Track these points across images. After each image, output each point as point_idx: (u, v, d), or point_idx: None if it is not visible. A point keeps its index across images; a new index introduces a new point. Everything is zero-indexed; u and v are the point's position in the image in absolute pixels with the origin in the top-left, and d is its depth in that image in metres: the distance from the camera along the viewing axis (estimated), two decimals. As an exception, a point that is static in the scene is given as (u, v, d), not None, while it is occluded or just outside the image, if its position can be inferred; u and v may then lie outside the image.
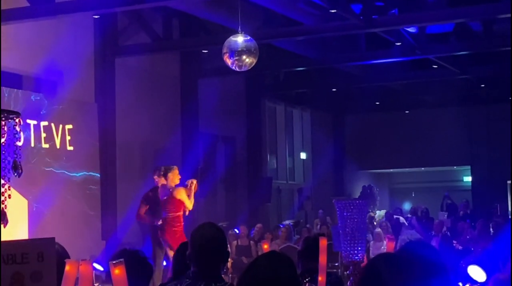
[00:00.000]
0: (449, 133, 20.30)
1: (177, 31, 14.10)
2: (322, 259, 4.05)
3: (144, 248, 11.14)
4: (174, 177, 9.38)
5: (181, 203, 9.29)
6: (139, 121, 13.24)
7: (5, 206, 2.09)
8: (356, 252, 4.35)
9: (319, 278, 4.02)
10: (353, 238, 4.36)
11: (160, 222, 9.37)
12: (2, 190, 2.08)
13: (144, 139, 13.43)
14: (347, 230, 4.35)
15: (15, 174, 2.14)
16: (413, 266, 2.14)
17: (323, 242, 4.12)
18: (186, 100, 14.54)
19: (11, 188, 2.34)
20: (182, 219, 9.35)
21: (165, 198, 9.36)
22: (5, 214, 2.08)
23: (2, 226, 2.12)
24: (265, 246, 4.39)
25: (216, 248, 3.52)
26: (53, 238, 2.40)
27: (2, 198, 2.07)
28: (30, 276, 2.20)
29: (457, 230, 14.59)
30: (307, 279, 4.77)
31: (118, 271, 2.24)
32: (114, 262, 2.28)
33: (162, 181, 9.47)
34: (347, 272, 4.55)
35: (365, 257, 4.53)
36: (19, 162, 2.12)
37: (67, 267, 2.33)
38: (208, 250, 3.48)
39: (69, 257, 3.08)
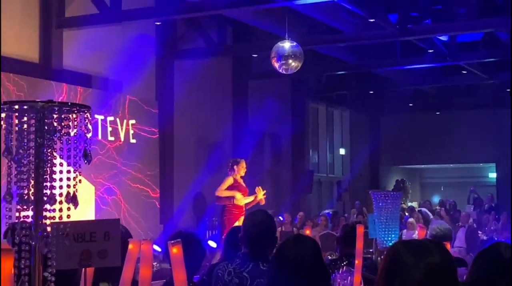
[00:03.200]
0: (476, 133, 19.97)
1: (230, 37, 14.12)
2: (359, 244, 4.01)
3: (198, 232, 11.19)
4: (240, 169, 9.35)
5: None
6: (195, 118, 13.30)
7: (76, 190, 2.09)
8: (390, 239, 4.30)
9: (356, 262, 3.98)
10: (387, 226, 4.30)
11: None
12: (74, 175, 2.08)
13: (198, 134, 13.49)
14: (382, 218, 4.29)
15: (85, 161, 2.15)
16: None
17: (360, 229, 4.08)
18: (237, 100, 14.57)
19: (82, 174, 2.36)
20: (240, 207, 9.22)
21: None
22: (75, 196, 2.09)
23: (73, 207, 2.13)
24: (307, 232, 4.35)
25: (265, 233, 3.52)
26: (118, 219, 2.42)
27: (74, 183, 2.08)
28: (97, 253, 2.21)
29: (482, 221, 14.36)
30: (344, 263, 4.73)
31: (176, 250, 2.24)
32: (172, 242, 2.28)
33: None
34: (381, 257, 4.49)
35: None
36: (89, 151, 2.12)
37: (130, 246, 2.34)
38: (258, 234, 3.48)
39: (131, 237, 3.10)
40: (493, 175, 21.83)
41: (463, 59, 14.33)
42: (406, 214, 15.76)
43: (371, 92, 18.25)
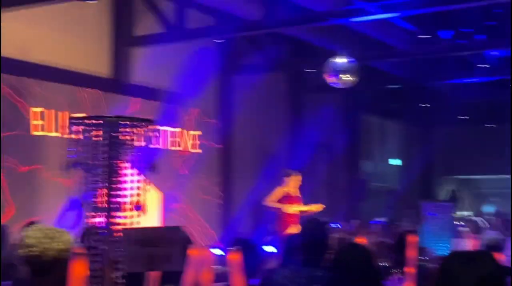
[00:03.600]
0: (529, 144, 19.45)
1: (287, 53, 14.17)
2: (410, 253, 3.98)
3: (255, 237, 11.21)
4: (289, 181, 9.36)
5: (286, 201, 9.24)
6: (253, 130, 13.38)
7: (144, 198, 2.16)
8: (440, 248, 4.24)
9: (407, 270, 3.95)
10: (438, 236, 4.24)
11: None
12: (142, 185, 2.15)
13: (257, 146, 13.56)
14: (433, 228, 4.24)
15: (152, 172, 2.22)
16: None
17: (411, 238, 4.04)
18: (293, 113, 14.59)
19: (150, 183, 2.42)
20: (293, 215, 9.22)
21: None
22: (144, 205, 2.16)
23: (141, 213, 2.20)
24: (362, 240, 4.34)
25: (320, 240, 3.54)
26: (180, 226, 2.47)
27: (141, 192, 2.14)
28: (161, 257, 2.27)
29: (534, 232, 13.93)
30: (397, 270, 4.69)
31: (234, 257, 2.27)
32: (231, 249, 2.32)
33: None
34: (433, 265, 4.44)
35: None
36: (155, 162, 2.19)
37: (190, 251, 2.39)
38: (313, 242, 3.51)
39: (192, 242, 3.15)
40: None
41: (514, 73, 14.02)
42: (459, 222, 15.46)
43: (424, 105, 17.99)
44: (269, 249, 9.99)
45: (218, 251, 9.23)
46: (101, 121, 2.16)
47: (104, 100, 9.81)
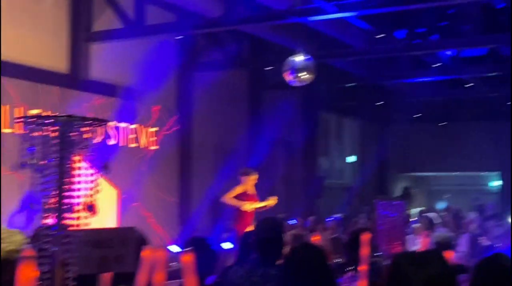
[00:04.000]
0: (480, 143, 19.88)
1: (247, 50, 14.15)
2: (364, 251, 4.00)
3: (214, 233, 11.18)
4: (247, 180, 9.35)
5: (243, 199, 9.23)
6: (212, 127, 13.33)
7: (95, 199, 2.11)
8: (392, 246, 4.27)
9: (361, 268, 3.97)
10: (391, 234, 4.28)
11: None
12: (93, 186, 2.10)
13: (216, 142, 13.52)
14: (386, 226, 4.27)
15: (104, 172, 2.17)
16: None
17: (365, 236, 4.07)
18: (252, 110, 14.58)
19: (104, 179, 2.38)
20: (251, 213, 9.21)
21: None
22: (94, 206, 2.11)
23: (92, 214, 2.15)
24: (316, 238, 4.35)
25: (274, 239, 3.53)
26: (134, 227, 2.43)
27: (92, 192, 2.09)
28: (114, 259, 2.22)
29: (485, 228, 14.21)
30: (351, 268, 4.72)
31: (187, 258, 2.24)
32: (183, 250, 2.29)
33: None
34: (386, 263, 4.48)
35: (402, 250, 4.44)
36: (107, 162, 2.14)
37: (144, 252, 2.35)
38: (268, 240, 3.49)
39: (147, 243, 3.10)
40: (496, 183, 21.69)
41: (468, 73, 14.27)
42: (412, 219, 15.67)
43: (380, 103, 18.18)
44: (227, 246, 9.98)
45: (176, 248, 9.17)
46: (53, 120, 2.10)
47: (62, 96, 9.64)
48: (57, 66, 10.19)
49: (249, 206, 9.13)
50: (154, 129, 11.26)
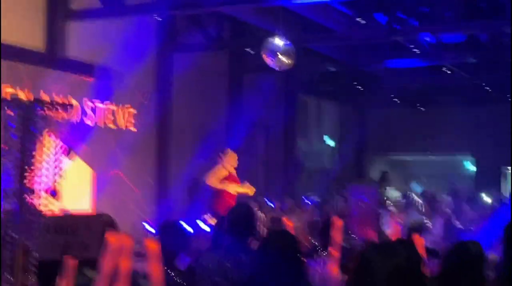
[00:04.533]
0: (458, 127, 20.02)
1: (227, 32, 14.04)
2: (336, 236, 3.99)
3: (191, 215, 11.12)
4: (228, 160, 9.30)
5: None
6: (192, 109, 13.24)
7: (58, 183, 2.05)
8: (366, 231, 4.27)
9: (333, 253, 3.97)
10: (365, 219, 4.27)
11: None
12: (56, 171, 2.04)
13: (195, 124, 13.43)
14: (359, 212, 4.27)
15: (67, 157, 2.11)
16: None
17: (338, 222, 4.06)
18: (232, 93, 14.50)
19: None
20: (233, 195, 9.12)
21: None
22: (58, 191, 2.05)
23: (56, 201, 2.09)
24: (289, 224, 4.33)
25: (247, 225, 3.50)
26: (100, 215, 2.39)
27: (56, 178, 2.03)
28: (78, 245, 2.17)
29: (459, 211, 14.34)
30: (325, 252, 4.72)
31: (152, 245, 2.19)
32: (148, 238, 2.24)
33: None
34: (359, 248, 4.47)
35: (375, 235, 4.44)
36: (71, 148, 2.08)
37: (109, 239, 2.30)
38: (239, 228, 3.46)
39: (117, 228, 3.05)
40: (472, 167, 21.90)
41: (447, 59, 14.31)
42: (389, 202, 15.75)
43: (359, 87, 18.18)
44: (203, 226, 9.94)
45: (150, 228, 9.12)
46: (15, 105, 2.04)
47: (38, 75, 9.48)
48: (34, 44, 10.02)
49: (233, 189, 9.09)
50: (132, 110, 11.15)
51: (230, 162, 9.15)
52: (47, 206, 2.11)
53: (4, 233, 2.03)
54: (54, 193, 2.04)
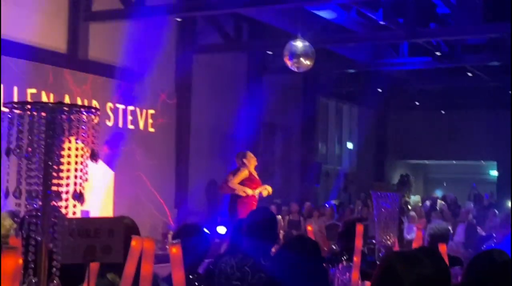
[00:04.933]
0: (479, 132, 19.82)
1: (247, 34, 14.06)
2: (358, 243, 3.95)
3: (208, 216, 11.13)
4: (249, 160, 9.29)
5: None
6: (210, 110, 13.26)
7: (83, 188, 2.06)
8: (388, 237, 4.23)
9: (354, 259, 3.93)
10: (386, 225, 4.23)
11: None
12: (81, 174, 2.05)
13: (214, 125, 13.45)
14: (381, 218, 4.22)
15: (93, 161, 2.11)
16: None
17: (359, 228, 4.02)
18: (251, 94, 14.49)
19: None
20: (253, 197, 9.02)
21: None
22: (82, 194, 2.05)
23: (79, 204, 2.10)
24: (309, 228, 4.30)
25: (267, 230, 3.47)
26: (124, 217, 2.39)
27: (80, 181, 2.04)
28: (101, 249, 2.18)
29: (482, 218, 14.22)
30: (345, 257, 4.68)
31: (175, 250, 2.19)
32: (172, 242, 2.24)
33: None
34: (380, 253, 4.44)
35: (396, 242, 4.40)
36: (96, 151, 2.09)
37: (132, 243, 2.30)
38: (260, 231, 3.44)
39: (138, 231, 3.05)
40: (494, 173, 21.65)
41: (468, 61, 14.20)
42: (409, 207, 15.66)
43: (379, 90, 18.10)
44: (222, 230, 9.94)
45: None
46: (40, 108, 2.04)
47: (61, 76, 9.55)
48: (56, 46, 10.11)
49: (251, 191, 9.03)
50: (152, 111, 11.19)
51: (251, 162, 9.12)
52: (71, 209, 2.11)
53: (27, 236, 2.04)
54: (78, 196, 2.04)
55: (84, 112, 2.13)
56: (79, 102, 9.74)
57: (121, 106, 10.58)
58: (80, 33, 10.25)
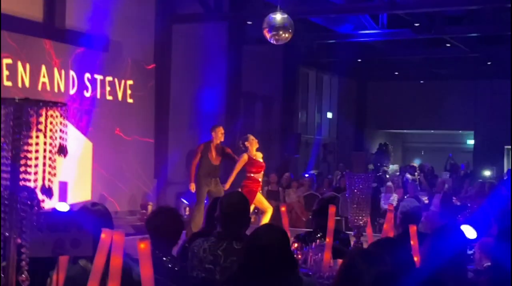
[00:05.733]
0: (457, 102, 19.98)
1: (227, 4, 13.93)
2: (330, 223, 4.00)
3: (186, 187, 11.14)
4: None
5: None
6: (190, 80, 13.19)
7: (51, 182, 2.06)
8: (360, 218, 4.29)
9: (327, 240, 3.99)
10: (359, 206, 4.29)
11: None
12: (49, 169, 2.05)
13: (193, 96, 13.39)
14: (354, 198, 4.28)
15: (61, 156, 2.11)
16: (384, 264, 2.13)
17: (331, 209, 4.07)
18: (231, 64, 14.41)
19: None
20: (256, 180, 8.89)
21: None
22: (51, 189, 2.05)
23: (48, 197, 2.10)
24: (282, 209, 4.34)
25: (240, 214, 3.48)
26: (94, 204, 2.39)
27: (49, 176, 2.03)
28: (70, 242, 2.19)
29: (457, 188, 14.39)
30: (319, 235, 4.74)
31: (143, 246, 2.21)
32: (140, 237, 2.25)
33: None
34: (352, 233, 4.50)
35: (368, 221, 4.46)
36: (64, 145, 2.08)
37: (102, 236, 2.31)
38: (233, 215, 3.45)
39: (110, 217, 3.07)
40: (470, 142, 21.86)
41: (447, 32, 14.21)
42: (388, 176, 15.81)
43: (359, 60, 18.10)
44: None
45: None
46: (6, 103, 2.03)
47: (37, 46, 9.42)
48: (33, 14, 9.94)
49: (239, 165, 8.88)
50: (130, 82, 11.10)
51: (253, 144, 8.94)
52: (40, 203, 2.12)
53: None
54: (46, 191, 2.05)
55: (52, 107, 2.12)
56: (56, 73, 9.63)
57: (99, 77, 10.48)
58: (57, 2, 10.08)
